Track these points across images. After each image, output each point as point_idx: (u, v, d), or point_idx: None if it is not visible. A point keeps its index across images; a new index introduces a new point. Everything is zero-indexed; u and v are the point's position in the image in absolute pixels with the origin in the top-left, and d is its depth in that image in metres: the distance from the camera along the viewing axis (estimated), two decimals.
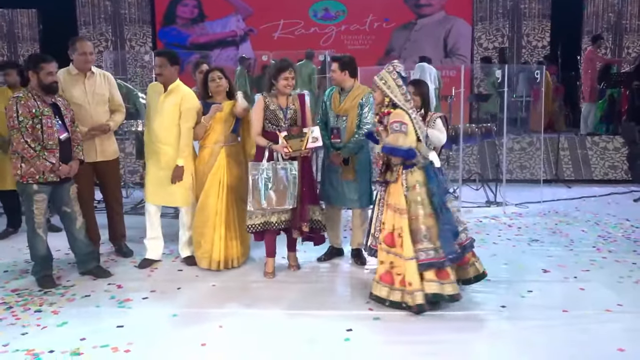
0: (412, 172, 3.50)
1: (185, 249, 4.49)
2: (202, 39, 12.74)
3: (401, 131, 3.42)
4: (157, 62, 4.25)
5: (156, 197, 4.36)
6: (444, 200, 3.49)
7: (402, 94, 3.53)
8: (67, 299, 3.78)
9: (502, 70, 7.00)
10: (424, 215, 3.43)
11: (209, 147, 4.30)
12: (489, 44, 12.51)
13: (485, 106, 9.39)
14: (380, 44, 12.65)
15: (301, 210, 4.04)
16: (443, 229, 3.41)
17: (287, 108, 4.01)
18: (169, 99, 4.26)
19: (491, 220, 6.01)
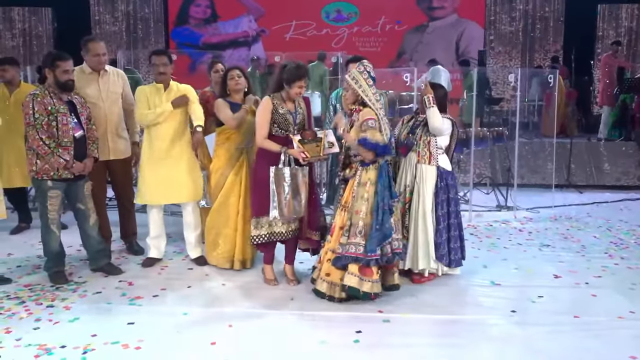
0: (368, 169, 3.59)
1: (194, 250, 4.50)
2: (214, 39, 12.81)
3: (375, 127, 3.54)
4: (160, 60, 4.26)
5: (160, 197, 4.34)
6: (385, 202, 3.54)
7: (372, 93, 3.64)
8: (79, 295, 3.81)
9: (515, 74, 6.97)
10: (366, 212, 3.52)
11: (229, 148, 4.28)
12: (501, 47, 12.47)
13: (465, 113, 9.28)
14: (392, 46, 12.66)
15: (310, 219, 3.99)
16: (373, 228, 3.48)
17: (296, 112, 3.93)
18: (173, 95, 4.29)
19: (502, 225, 5.99)
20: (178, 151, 4.30)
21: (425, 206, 3.97)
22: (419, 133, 4.04)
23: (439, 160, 4.02)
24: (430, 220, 3.97)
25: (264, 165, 3.85)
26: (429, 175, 4.00)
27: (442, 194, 4.00)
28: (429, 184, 3.98)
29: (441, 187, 4.00)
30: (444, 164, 4.05)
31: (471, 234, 5.56)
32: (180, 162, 4.31)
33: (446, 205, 4.02)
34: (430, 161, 3.99)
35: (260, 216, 3.87)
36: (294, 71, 3.82)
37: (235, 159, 4.25)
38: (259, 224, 3.89)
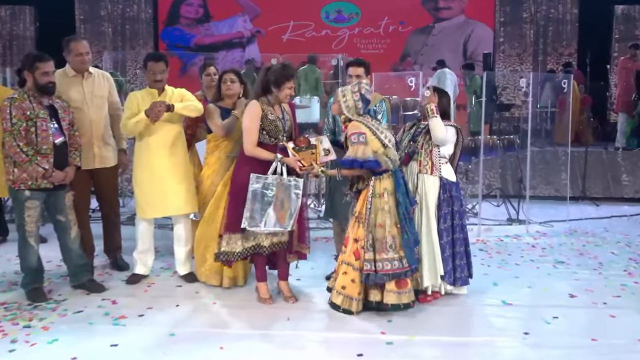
0: (381, 179, 3.66)
1: (183, 266, 4.48)
2: (207, 40, 12.85)
3: (359, 142, 3.60)
4: (158, 67, 4.26)
5: (157, 210, 4.33)
6: (409, 210, 3.69)
7: (358, 114, 3.71)
8: (59, 314, 3.78)
9: (527, 79, 6.99)
10: (391, 224, 3.61)
11: (219, 156, 4.30)
12: (512, 50, 12.52)
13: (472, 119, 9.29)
14: (396, 48, 12.71)
15: (300, 232, 3.98)
16: (408, 239, 3.63)
17: (284, 118, 3.92)
18: (168, 100, 4.26)
19: (513, 240, 5.97)
20: (175, 160, 4.30)
21: (430, 219, 3.96)
22: (420, 141, 4.05)
23: (442, 170, 4.03)
24: (435, 233, 3.97)
25: (244, 173, 3.81)
26: (431, 186, 4.00)
27: (446, 207, 4.00)
28: (431, 195, 3.99)
29: (444, 199, 4.00)
30: (447, 175, 4.05)
31: (480, 249, 5.54)
32: (177, 171, 4.30)
33: (450, 219, 4.02)
34: (433, 171, 4.00)
35: (236, 232, 3.82)
36: (281, 71, 3.81)
37: (226, 167, 4.25)
38: (232, 239, 3.84)
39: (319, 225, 6.25)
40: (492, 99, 8.87)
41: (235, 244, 3.85)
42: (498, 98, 10.25)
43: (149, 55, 4.48)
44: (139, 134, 4.26)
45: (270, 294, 4.02)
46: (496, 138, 7.01)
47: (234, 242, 3.85)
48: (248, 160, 3.83)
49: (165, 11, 12.84)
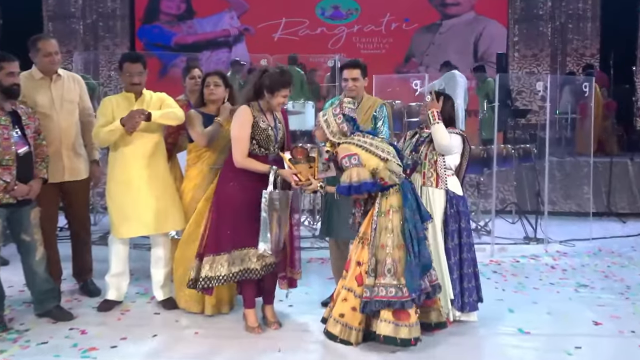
0: (388, 195, 3.63)
1: (162, 291, 4.46)
2: (189, 39, 12.90)
3: (352, 165, 3.58)
4: (136, 69, 4.26)
5: (133, 228, 4.30)
6: (418, 228, 3.59)
7: (345, 136, 3.70)
8: (20, 345, 3.74)
9: (544, 82, 7.03)
10: (393, 245, 3.55)
11: (201, 168, 4.31)
12: (527, 51, 12.59)
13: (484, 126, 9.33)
14: (399, 48, 12.78)
15: (291, 254, 3.98)
16: (411, 262, 3.51)
17: (276, 127, 3.93)
18: (146, 106, 4.28)
19: (530, 261, 5.99)
20: (154, 172, 4.29)
21: (437, 236, 3.97)
22: (423, 151, 4.07)
23: (448, 182, 4.04)
24: (443, 252, 3.97)
25: (230, 188, 3.82)
26: (437, 200, 4.01)
27: (453, 223, 4.01)
28: (437, 210, 4.00)
29: (451, 215, 4.01)
30: (454, 187, 4.07)
31: (494, 271, 5.55)
32: (156, 184, 4.29)
33: (457, 237, 4.03)
34: (438, 184, 4.02)
35: (220, 253, 3.82)
36: (277, 77, 3.82)
37: (209, 181, 4.25)
38: (216, 263, 3.82)
39: (314, 244, 6.24)
40: (507, 104, 8.90)
41: (220, 266, 3.83)
42: (513, 103, 10.29)
43: (125, 55, 4.49)
44: (114, 143, 4.25)
45: (259, 322, 4.01)
46: (511, 147, 7.04)
47: (217, 265, 3.83)
48: (234, 173, 3.84)
49: (142, 7, 12.89)
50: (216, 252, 3.83)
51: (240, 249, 3.82)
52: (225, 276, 3.84)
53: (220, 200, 3.89)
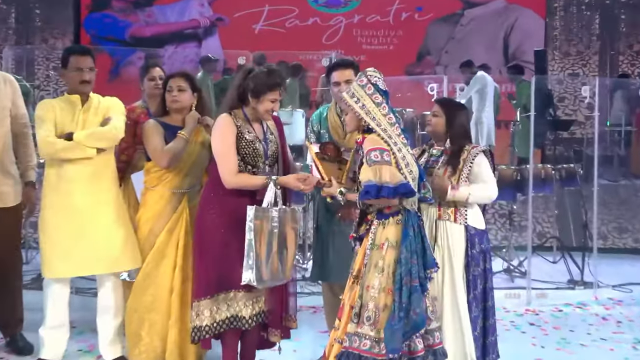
0: (385, 225, 3.58)
1: (111, 348, 4.41)
2: (148, 31, 12.93)
3: (384, 161, 3.51)
4: (85, 63, 4.27)
5: (72, 267, 4.26)
6: (414, 275, 3.51)
7: (384, 114, 3.64)
8: None
9: (591, 86, 7.09)
10: (380, 288, 3.49)
11: (162, 192, 4.28)
12: (570, 47, 12.66)
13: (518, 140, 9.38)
14: (411, 43, 12.84)
15: (286, 296, 3.99)
16: (393, 314, 3.43)
17: (267, 139, 3.96)
18: (93, 113, 4.29)
19: (576, 310, 5.98)
20: (102, 197, 4.27)
21: (456, 285, 3.94)
22: (439, 175, 4.07)
23: (468, 216, 4.04)
24: (464, 304, 3.93)
25: (212, 217, 3.85)
26: (456, 239, 3.99)
27: (475, 266, 3.99)
28: (457, 251, 3.98)
29: (473, 256, 3.98)
30: (475, 221, 4.06)
31: (531, 323, 5.54)
32: (104, 212, 4.27)
33: (480, 282, 4.02)
34: (456, 218, 4.01)
35: (214, 295, 3.83)
36: (263, 78, 3.85)
37: (172, 208, 4.24)
38: (200, 310, 3.82)
39: (304, 288, 6.21)
40: (547, 113, 8.95)
41: (202, 314, 3.82)
42: (555, 112, 10.34)
43: (70, 48, 4.52)
44: (51, 161, 4.25)
45: None
46: (551, 167, 7.06)
47: (201, 313, 3.83)
48: (216, 198, 3.87)
49: None
50: (198, 297, 3.84)
51: (225, 292, 3.81)
52: (208, 327, 3.81)
53: (201, 234, 3.91)
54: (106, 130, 4.22)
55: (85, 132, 4.16)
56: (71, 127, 4.21)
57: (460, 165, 3.99)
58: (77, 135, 4.12)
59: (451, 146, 4.05)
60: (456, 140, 4.06)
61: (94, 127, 4.22)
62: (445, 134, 4.08)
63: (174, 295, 4.15)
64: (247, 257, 3.70)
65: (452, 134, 4.06)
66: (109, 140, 4.25)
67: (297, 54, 10.59)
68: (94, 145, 4.19)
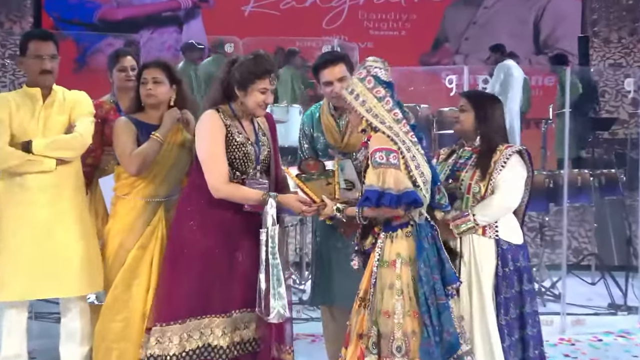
0: (394, 238, 3.60)
1: None
2: (119, 14, 12.92)
3: (389, 164, 3.53)
4: (46, 49, 4.27)
5: (30, 288, 4.26)
6: (438, 292, 3.55)
7: (387, 110, 3.66)
8: None
9: (636, 78, 7.10)
10: (403, 313, 3.51)
11: (134, 202, 4.30)
12: (611, 33, 12.67)
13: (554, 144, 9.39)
14: (425, 28, 12.84)
15: (278, 325, 3.99)
16: (429, 338, 3.46)
17: (258, 140, 3.99)
18: (56, 109, 4.31)
19: (618, 339, 6.00)
20: (64, 207, 4.28)
21: (485, 307, 3.96)
22: (465, 179, 4.08)
23: (500, 227, 4.05)
24: (495, 332, 3.95)
25: (189, 230, 3.87)
26: (484, 255, 4.02)
27: (507, 287, 4.00)
28: (486, 269, 3.99)
29: (504, 275, 4.00)
30: (508, 234, 4.07)
31: (566, 355, 5.55)
32: (68, 225, 4.28)
33: (515, 306, 4.03)
34: (485, 230, 4.02)
35: (185, 320, 3.83)
36: (250, 66, 3.87)
37: (145, 220, 4.26)
38: (166, 336, 3.83)
39: (301, 314, 6.21)
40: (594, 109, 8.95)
41: (170, 341, 3.82)
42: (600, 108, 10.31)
43: (29, 32, 4.53)
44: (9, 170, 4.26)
45: None
46: (588, 173, 7.06)
47: (167, 340, 3.83)
48: (196, 208, 3.89)
49: None
50: (165, 321, 3.83)
51: (200, 317, 3.82)
52: (176, 356, 3.82)
53: (174, 248, 3.93)
54: (70, 139, 4.24)
55: (45, 141, 4.17)
56: (31, 126, 4.23)
57: (491, 168, 4.00)
58: (37, 145, 4.14)
59: (482, 145, 4.07)
60: (488, 138, 4.07)
61: (55, 135, 4.23)
62: (475, 132, 4.09)
63: (148, 322, 4.12)
64: (276, 285, 3.73)
65: (483, 131, 4.08)
66: (75, 149, 4.28)
67: (293, 40, 10.59)
68: (56, 156, 4.21)
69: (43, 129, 4.25)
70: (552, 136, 8.94)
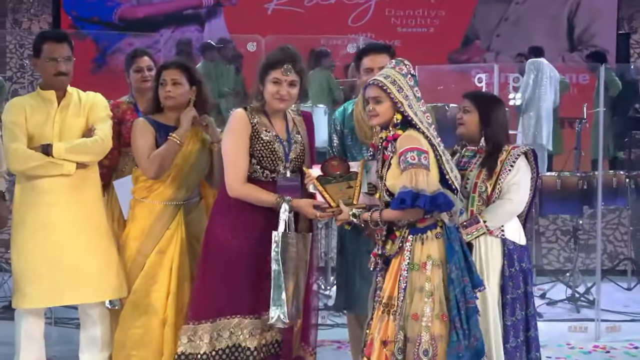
0: (424, 240, 3.60)
1: None
2: (139, 12, 12.95)
3: (421, 164, 3.53)
4: (61, 51, 4.29)
5: (49, 295, 4.31)
6: (468, 296, 3.57)
7: (422, 112, 3.69)
8: None
9: None
10: (432, 316, 3.51)
11: (152, 206, 4.33)
12: None
13: None
14: (455, 25, 12.80)
15: (305, 323, 4.05)
16: (458, 343, 3.48)
17: (290, 139, 4.03)
18: (72, 112, 4.34)
19: None
20: (84, 211, 4.32)
21: (488, 307, 3.99)
22: (471, 178, 4.12)
23: (505, 228, 4.09)
24: (498, 333, 3.99)
25: (220, 232, 3.95)
26: (493, 255, 4.06)
27: (513, 288, 4.04)
28: (493, 269, 4.04)
29: (511, 275, 4.04)
30: (514, 235, 4.12)
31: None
32: (84, 232, 4.32)
33: (521, 307, 4.07)
34: (492, 230, 4.06)
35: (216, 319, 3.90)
36: (267, 57, 3.99)
37: (163, 224, 4.30)
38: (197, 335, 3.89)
39: (327, 320, 6.23)
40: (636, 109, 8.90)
41: (200, 340, 3.89)
42: None
43: (44, 33, 4.55)
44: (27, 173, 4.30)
45: None
46: (624, 174, 7.03)
47: (198, 338, 3.89)
48: (226, 210, 3.96)
49: None
50: (197, 320, 3.90)
51: (229, 317, 3.89)
52: (206, 355, 3.88)
53: (208, 248, 4.00)
54: (91, 143, 4.28)
55: (65, 145, 4.21)
56: (46, 129, 4.27)
57: (498, 168, 4.05)
58: (57, 148, 4.18)
59: (487, 145, 4.10)
60: (493, 139, 4.12)
61: (71, 138, 4.27)
62: (479, 133, 4.14)
63: (167, 328, 4.20)
64: (276, 291, 3.77)
65: (487, 132, 4.12)
66: (96, 154, 4.33)
67: (318, 38, 10.58)
68: (76, 160, 4.25)
69: (59, 132, 4.29)
70: (587, 136, 8.92)
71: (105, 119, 4.43)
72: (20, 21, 12.48)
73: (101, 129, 4.34)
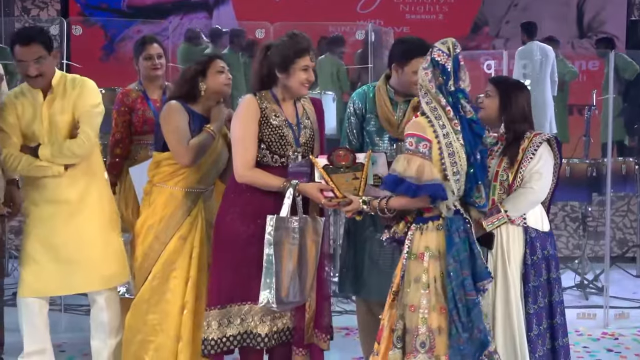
0: (424, 230, 3.60)
1: None
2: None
3: (417, 151, 3.53)
4: (29, 54, 4.18)
5: (60, 284, 4.35)
6: (467, 288, 3.54)
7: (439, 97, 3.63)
8: None
9: None
10: (430, 307, 3.51)
11: (173, 192, 4.29)
12: None
13: None
14: (464, 11, 12.76)
15: (318, 310, 4.03)
16: (458, 336, 3.47)
17: (299, 124, 4.02)
18: (58, 108, 4.32)
19: None
20: (86, 201, 4.33)
21: (510, 296, 3.99)
22: (492, 167, 4.10)
23: (528, 215, 4.07)
24: (521, 321, 3.98)
25: (230, 218, 3.96)
26: (514, 243, 4.04)
27: (535, 275, 4.02)
28: (514, 257, 4.01)
29: (533, 263, 4.02)
30: (536, 222, 4.10)
31: (608, 349, 5.53)
32: (90, 219, 4.34)
33: (544, 295, 4.05)
34: (514, 219, 4.04)
35: (225, 305, 3.93)
36: (289, 45, 3.91)
37: (185, 210, 4.28)
38: (220, 320, 3.92)
39: (335, 306, 6.23)
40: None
41: (211, 326, 3.92)
42: None
43: (14, 35, 4.43)
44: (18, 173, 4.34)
45: None
46: (633, 161, 7.01)
47: (209, 324, 3.93)
48: (236, 196, 3.96)
49: None
50: (209, 306, 3.95)
51: (240, 303, 3.90)
52: (214, 342, 3.90)
53: (218, 235, 4.02)
54: (75, 146, 4.25)
55: (50, 149, 4.20)
56: (36, 127, 4.27)
57: (520, 156, 4.01)
58: (42, 152, 4.18)
59: (507, 133, 4.08)
60: (513, 125, 4.08)
61: (60, 136, 4.27)
62: (498, 118, 4.12)
63: (186, 314, 4.20)
64: (266, 274, 3.77)
65: (507, 118, 4.09)
66: (80, 156, 4.29)
67: (326, 25, 10.56)
68: (62, 163, 4.24)
69: (49, 128, 4.28)
70: (597, 124, 8.90)
71: (90, 111, 4.36)
72: (28, 9, 12.47)
73: (84, 131, 4.28)
